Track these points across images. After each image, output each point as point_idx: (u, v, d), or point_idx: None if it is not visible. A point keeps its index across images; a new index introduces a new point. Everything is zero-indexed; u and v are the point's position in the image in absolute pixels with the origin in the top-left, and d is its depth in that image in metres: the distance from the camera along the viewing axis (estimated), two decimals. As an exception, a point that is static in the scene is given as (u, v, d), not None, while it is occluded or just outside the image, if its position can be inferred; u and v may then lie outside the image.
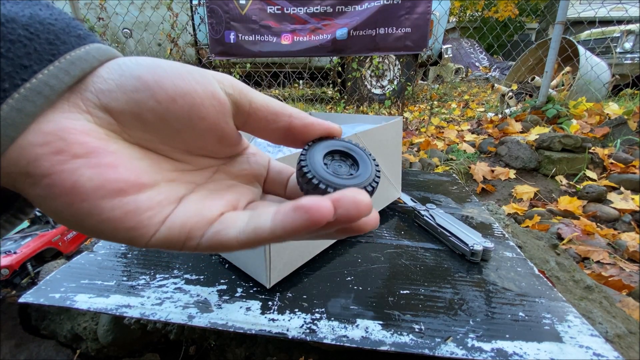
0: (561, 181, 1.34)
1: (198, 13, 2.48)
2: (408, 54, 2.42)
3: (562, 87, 2.27)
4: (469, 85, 5.35)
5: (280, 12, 2.14)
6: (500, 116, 2.09)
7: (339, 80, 2.99)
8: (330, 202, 0.14)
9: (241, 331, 0.37)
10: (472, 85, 5.21)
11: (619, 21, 2.90)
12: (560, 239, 0.93)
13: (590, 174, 1.34)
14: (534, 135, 1.51)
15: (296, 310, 0.40)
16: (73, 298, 0.42)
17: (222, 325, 0.38)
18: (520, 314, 0.40)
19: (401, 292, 0.44)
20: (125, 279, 0.46)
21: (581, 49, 2.09)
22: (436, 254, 0.53)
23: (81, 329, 0.56)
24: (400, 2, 2.04)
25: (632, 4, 2.26)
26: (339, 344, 0.35)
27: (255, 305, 0.41)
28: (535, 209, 1.16)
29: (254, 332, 0.37)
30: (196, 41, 2.77)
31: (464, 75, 6.55)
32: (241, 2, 2.12)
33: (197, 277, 0.47)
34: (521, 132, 1.69)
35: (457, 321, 0.39)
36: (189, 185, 0.18)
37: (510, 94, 2.38)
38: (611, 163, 1.35)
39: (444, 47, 4.21)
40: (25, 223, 0.70)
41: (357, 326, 0.38)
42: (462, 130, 2.00)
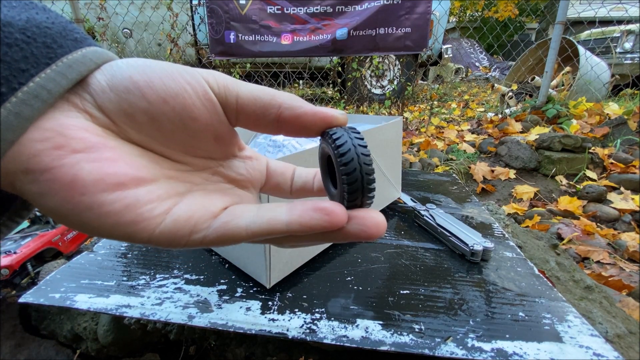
0: (561, 181, 1.34)
1: (198, 13, 2.48)
2: (408, 54, 2.42)
3: (562, 87, 2.27)
4: (469, 85, 5.35)
5: (280, 12, 2.14)
6: (500, 116, 2.09)
7: (339, 80, 2.98)
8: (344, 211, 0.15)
9: (241, 331, 0.37)
10: (472, 85, 5.21)
11: (619, 21, 2.90)
12: (560, 239, 0.93)
13: (590, 174, 1.34)
14: (534, 135, 1.51)
15: (296, 310, 0.40)
16: (73, 298, 0.42)
17: (222, 325, 0.38)
18: (520, 314, 0.40)
19: (401, 292, 0.44)
20: (125, 279, 0.46)
21: (581, 49, 2.09)
22: (436, 254, 0.53)
23: (81, 329, 0.56)
24: (400, 2, 2.04)
25: (632, 4, 2.26)
26: (339, 344, 0.35)
27: (255, 305, 0.41)
28: (535, 209, 1.16)
29: (254, 332, 0.37)
30: (196, 41, 2.77)
31: (464, 75, 6.55)
32: (241, 2, 2.12)
33: (197, 277, 0.47)
34: (521, 132, 1.69)
35: (457, 321, 0.39)
36: (187, 185, 0.18)
37: (510, 94, 2.38)
38: (611, 163, 1.35)
39: (444, 47, 4.21)
40: (25, 223, 0.71)
41: (357, 326, 0.38)
42: (462, 130, 2.00)
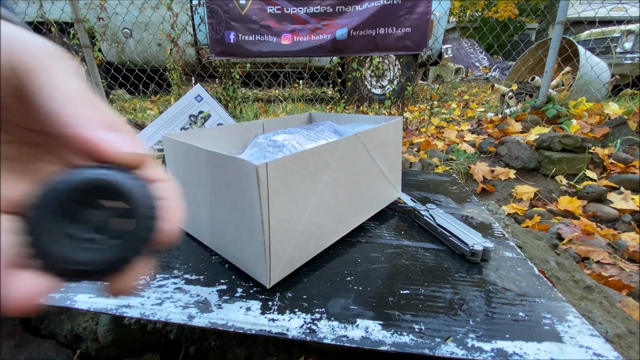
0: (561, 181, 1.34)
1: (198, 13, 2.48)
2: (408, 54, 2.41)
3: (562, 87, 2.27)
4: (469, 85, 5.35)
5: (280, 12, 2.14)
6: (500, 116, 2.08)
7: (339, 80, 2.98)
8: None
9: (241, 331, 0.37)
10: (472, 85, 5.21)
11: (619, 21, 2.90)
12: (560, 239, 0.93)
13: (590, 174, 1.34)
14: (534, 135, 1.51)
15: (296, 310, 0.40)
16: (73, 298, 0.42)
17: (222, 325, 0.38)
18: (520, 314, 0.40)
19: (401, 292, 0.44)
20: (125, 279, 0.46)
21: (581, 49, 2.09)
22: (436, 254, 0.53)
23: (81, 329, 0.56)
24: (400, 2, 2.03)
25: (632, 4, 2.26)
26: (339, 344, 0.35)
27: (255, 305, 0.41)
28: (535, 209, 1.16)
29: (254, 332, 0.37)
30: (196, 41, 2.77)
31: (464, 75, 6.55)
32: (241, 2, 2.12)
33: (197, 277, 0.47)
34: (521, 132, 1.69)
35: (457, 321, 0.39)
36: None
37: (510, 94, 2.38)
38: (611, 163, 1.35)
39: (444, 47, 4.21)
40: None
41: (357, 326, 0.38)
42: (462, 130, 2.00)
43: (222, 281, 0.46)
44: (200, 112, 0.88)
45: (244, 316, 0.39)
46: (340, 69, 2.79)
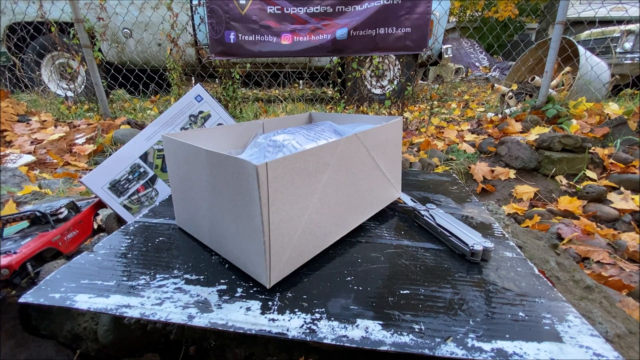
0: (561, 181, 1.34)
1: (198, 13, 2.48)
2: (408, 54, 2.41)
3: (562, 87, 2.27)
4: (469, 85, 5.35)
5: (280, 12, 2.14)
6: (500, 116, 2.08)
7: (339, 80, 2.98)
8: None
9: (241, 331, 0.37)
10: (472, 85, 5.21)
11: (619, 21, 2.90)
12: (560, 239, 0.93)
13: (590, 174, 1.34)
14: (534, 135, 1.51)
15: (296, 310, 0.40)
16: (73, 298, 0.42)
17: (222, 325, 0.38)
18: (520, 314, 0.40)
19: (401, 292, 0.44)
20: (125, 279, 0.46)
21: (581, 49, 2.09)
22: (436, 254, 0.53)
23: (81, 329, 0.56)
24: (400, 2, 2.03)
25: (632, 4, 2.26)
26: (339, 344, 0.35)
27: (255, 305, 0.41)
28: (535, 209, 1.16)
29: (254, 332, 0.37)
30: (196, 41, 2.77)
31: (464, 75, 6.55)
32: (241, 2, 2.12)
33: (197, 277, 0.47)
34: (521, 132, 1.69)
35: (457, 321, 0.39)
36: None
37: (510, 94, 2.38)
38: (611, 163, 1.35)
39: (444, 47, 4.21)
40: (25, 223, 0.70)
41: (357, 326, 0.38)
42: (462, 130, 2.00)
43: (222, 281, 0.46)
44: (200, 112, 0.88)
45: (244, 316, 0.39)
46: (340, 69, 2.79)
